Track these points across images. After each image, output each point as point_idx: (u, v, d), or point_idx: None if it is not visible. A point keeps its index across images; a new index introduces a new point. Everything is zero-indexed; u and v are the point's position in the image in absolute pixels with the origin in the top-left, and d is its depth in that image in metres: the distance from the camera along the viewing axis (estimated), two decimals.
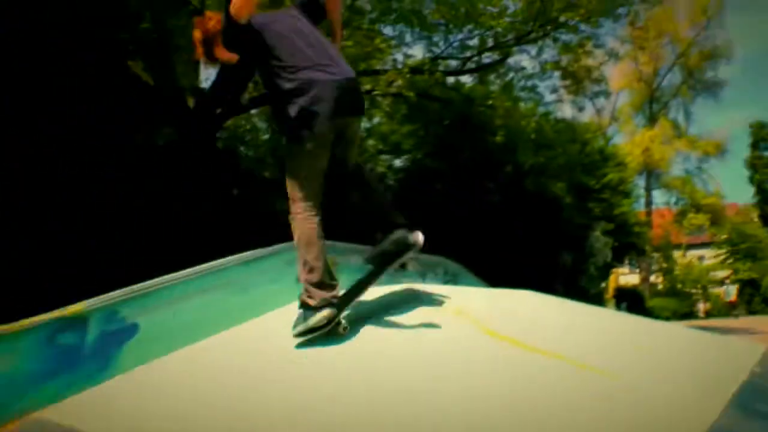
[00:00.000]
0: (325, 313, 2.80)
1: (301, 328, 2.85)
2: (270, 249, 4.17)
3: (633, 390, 2.37)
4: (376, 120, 17.85)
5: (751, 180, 45.06)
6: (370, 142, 18.39)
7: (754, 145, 45.13)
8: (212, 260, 3.88)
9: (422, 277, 5.90)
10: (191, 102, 13.05)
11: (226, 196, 13.95)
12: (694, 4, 28.73)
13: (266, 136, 18.91)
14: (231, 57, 3.02)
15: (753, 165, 44.81)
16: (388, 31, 14.87)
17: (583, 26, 14.26)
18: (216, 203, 12.52)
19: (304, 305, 2.91)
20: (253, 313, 3.51)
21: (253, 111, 18.33)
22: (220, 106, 13.28)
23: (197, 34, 3.08)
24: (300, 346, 2.90)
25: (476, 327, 3.08)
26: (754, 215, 43.67)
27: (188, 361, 2.93)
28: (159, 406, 2.47)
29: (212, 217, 12.03)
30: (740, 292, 36.17)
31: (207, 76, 15.28)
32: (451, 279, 6.47)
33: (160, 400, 2.53)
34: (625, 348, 3.36)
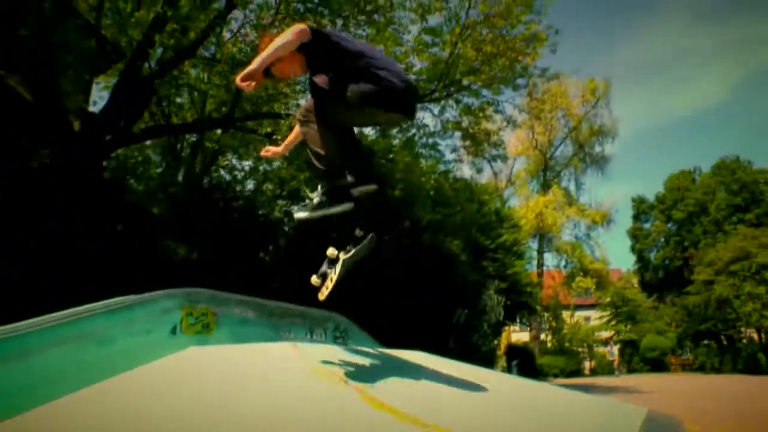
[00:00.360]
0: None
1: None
2: (143, 296, 3.68)
3: None
4: (275, 164, 17.44)
5: (632, 249, 49.14)
6: (269, 186, 17.90)
7: (635, 217, 49.59)
8: (81, 304, 3.32)
9: (309, 333, 5.56)
10: (77, 125, 11.97)
11: (107, 231, 12.85)
12: (584, 85, 31.51)
13: (159, 170, 17.91)
14: (290, 74, 3.37)
15: (634, 235, 49.01)
16: None
17: (484, 91, 14.89)
18: (95, 237, 11.44)
19: (331, 184, 3.16)
20: (116, 370, 2.94)
21: (147, 142, 17.37)
22: (110, 133, 12.29)
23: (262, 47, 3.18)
24: (166, 405, 2.40)
25: (356, 394, 2.81)
26: (635, 281, 47.32)
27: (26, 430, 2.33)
28: None
29: (89, 253, 10.96)
30: (621, 352, 38.59)
31: (96, 99, 14.32)
32: (341, 336, 6.15)
33: None
34: (515, 414, 3.20)
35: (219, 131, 16.12)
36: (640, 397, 12.32)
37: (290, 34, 3.03)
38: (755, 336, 34.20)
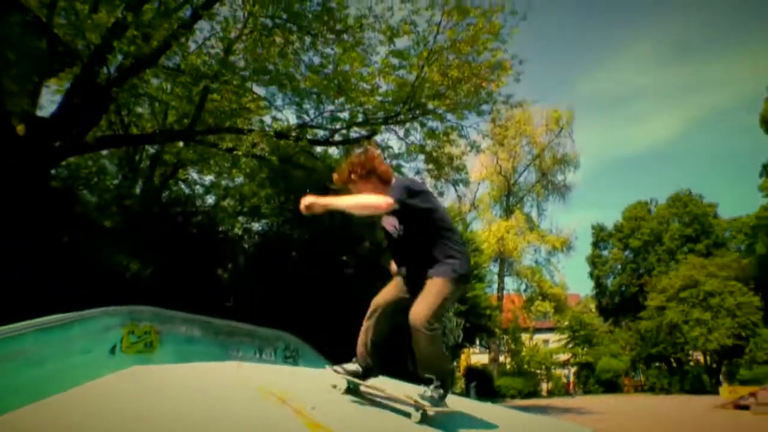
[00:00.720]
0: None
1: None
2: (83, 313, 3.51)
3: None
4: (237, 180, 17.09)
5: (591, 275, 50.16)
6: (230, 202, 17.51)
7: (595, 245, 50.72)
8: (21, 320, 3.17)
9: (258, 352, 5.40)
10: (21, 128, 11.33)
11: (52, 242, 12.27)
12: (548, 114, 31.99)
13: (116, 181, 17.29)
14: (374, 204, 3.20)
15: (593, 262, 50.07)
16: (259, 91, 14.56)
17: (449, 116, 14.96)
18: (38, 248, 10.89)
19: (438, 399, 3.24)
20: (50, 390, 2.74)
21: (104, 152, 16.79)
22: (60, 140, 11.73)
23: (353, 164, 3.39)
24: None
25: (294, 415, 2.74)
26: (592, 306, 48.26)
27: None
28: None
29: (30, 265, 10.43)
30: (577, 374, 39.25)
31: (47, 103, 13.70)
32: (291, 356, 5.99)
33: None
34: None
35: (180, 144, 15.72)
36: (591, 418, 12.43)
37: (380, 202, 3.08)
38: (701, 359, 35.36)
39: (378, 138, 15.43)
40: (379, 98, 14.00)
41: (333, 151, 16.34)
